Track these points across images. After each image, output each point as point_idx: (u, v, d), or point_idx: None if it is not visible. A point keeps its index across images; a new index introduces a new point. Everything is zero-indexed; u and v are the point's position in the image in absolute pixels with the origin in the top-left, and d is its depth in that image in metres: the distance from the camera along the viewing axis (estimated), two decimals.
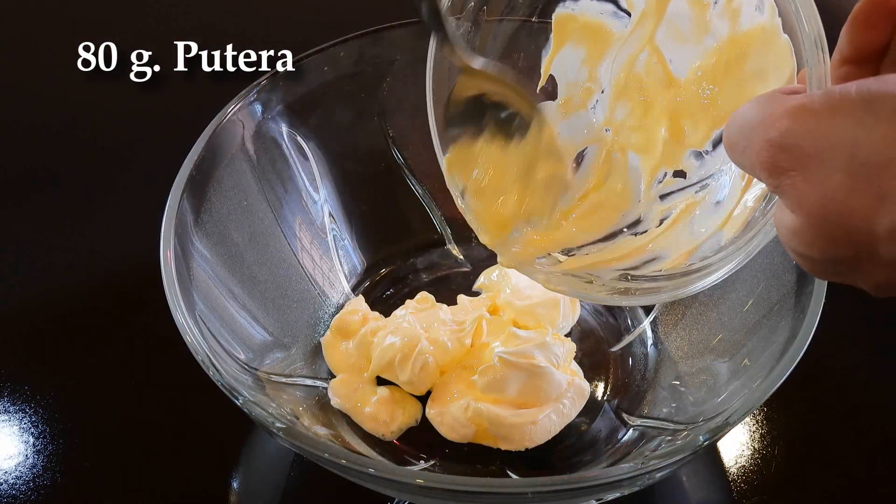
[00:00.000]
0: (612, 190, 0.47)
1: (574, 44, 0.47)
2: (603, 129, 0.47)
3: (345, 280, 0.62)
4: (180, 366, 0.46)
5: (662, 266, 0.43)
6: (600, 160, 0.46)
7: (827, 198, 0.28)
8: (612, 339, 0.59)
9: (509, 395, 0.52)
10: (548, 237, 0.46)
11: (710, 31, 0.41)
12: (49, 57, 0.86)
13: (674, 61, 0.44)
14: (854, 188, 0.27)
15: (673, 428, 0.50)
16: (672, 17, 0.43)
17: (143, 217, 0.53)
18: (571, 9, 0.46)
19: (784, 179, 0.29)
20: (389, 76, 0.62)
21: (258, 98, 0.56)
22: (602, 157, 0.46)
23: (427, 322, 0.56)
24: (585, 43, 0.46)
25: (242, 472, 0.54)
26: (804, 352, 0.43)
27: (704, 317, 0.55)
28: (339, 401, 0.54)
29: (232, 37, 0.88)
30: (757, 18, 0.38)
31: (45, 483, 0.53)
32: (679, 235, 0.43)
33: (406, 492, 0.43)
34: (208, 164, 0.53)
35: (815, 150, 0.28)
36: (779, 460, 0.54)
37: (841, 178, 0.28)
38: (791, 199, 0.29)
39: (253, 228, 0.56)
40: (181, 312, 0.45)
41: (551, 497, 0.40)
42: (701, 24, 0.42)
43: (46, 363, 0.60)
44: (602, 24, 0.46)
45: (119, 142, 0.77)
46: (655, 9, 0.43)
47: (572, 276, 0.44)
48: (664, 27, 0.43)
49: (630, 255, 0.44)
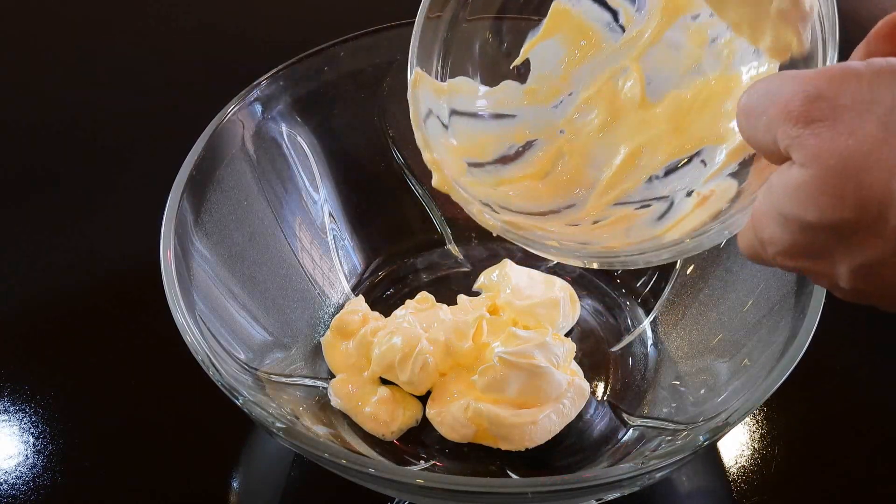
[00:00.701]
0: (553, 181, 0.46)
1: (561, 39, 0.47)
2: (559, 129, 0.46)
3: (345, 280, 0.62)
4: (180, 366, 0.46)
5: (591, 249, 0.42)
6: (547, 155, 0.46)
7: (852, 148, 0.27)
8: (612, 339, 0.59)
9: (509, 395, 0.52)
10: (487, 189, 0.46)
11: (699, 66, 0.41)
12: (49, 57, 0.86)
13: (652, 83, 0.44)
14: (885, 140, 0.27)
15: (673, 428, 0.50)
16: (665, 44, 0.43)
17: (143, 217, 0.53)
18: (571, 5, 0.46)
19: (807, 130, 0.28)
20: (389, 76, 0.62)
21: (258, 98, 0.56)
22: (550, 154, 0.46)
23: (427, 322, 0.56)
24: (572, 42, 0.46)
25: (242, 472, 0.54)
26: (804, 352, 0.43)
27: (704, 317, 0.55)
28: (340, 401, 0.54)
29: (232, 37, 0.89)
30: (752, 67, 0.38)
31: (45, 483, 0.53)
32: (612, 234, 0.43)
33: (406, 492, 0.43)
34: (208, 164, 0.53)
35: (854, 102, 0.28)
36: (779, 460, 0.54)
37: (873, 130, 0.27)
38: (809, 149, 0.28)
39: (253, 228, 0.56)
40: (181, 312, 0.45)
41: (551, 497, 0.40)
42: (692, 58, 0.41)
43: (46, 363, 0.60)
44: (595, 30, 0.46)
45: (119, 142, 0.77)
46: (653, 32, 0.43)
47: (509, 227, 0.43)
48: (653, 50, 0.43)
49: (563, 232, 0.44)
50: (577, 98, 0.46)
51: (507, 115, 0.47)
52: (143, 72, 0.85)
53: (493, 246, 0.65)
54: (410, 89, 0.45)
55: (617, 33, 0.45)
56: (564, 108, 0.46)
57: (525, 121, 0.47)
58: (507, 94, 0.47)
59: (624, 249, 0.40)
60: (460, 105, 0.47)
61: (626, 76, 0.44)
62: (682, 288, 0.58)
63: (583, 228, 0.43)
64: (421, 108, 0.45)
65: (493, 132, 0.47)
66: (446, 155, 0.44)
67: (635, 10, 0.45)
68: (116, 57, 0.87)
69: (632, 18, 0.45)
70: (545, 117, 0.46)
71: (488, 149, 0.46)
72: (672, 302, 0.58)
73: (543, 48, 0.47)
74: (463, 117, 0.47)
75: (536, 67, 0.47)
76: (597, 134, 0.45)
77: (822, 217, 0.29)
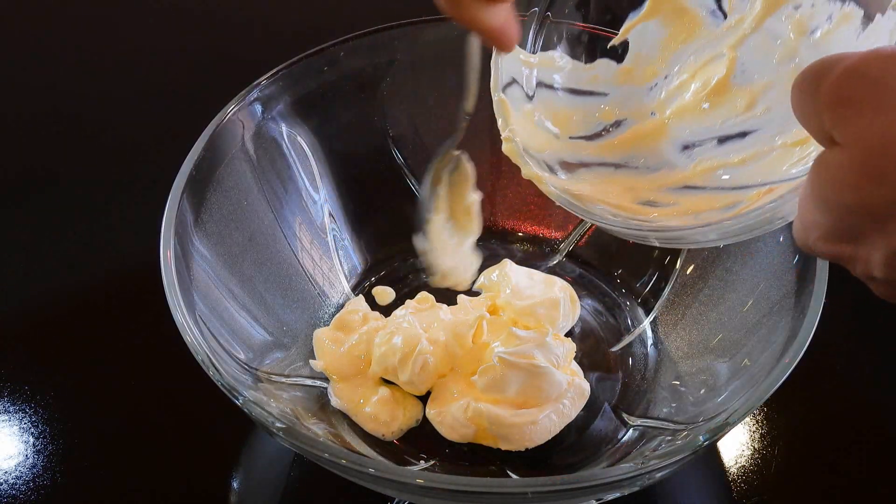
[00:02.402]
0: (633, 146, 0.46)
1: (663, 21, 0.46)
2: (650, 111, 0.46)
3: (345, 280, 0.62)
4: (180, 366, 0.46)
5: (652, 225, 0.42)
6: (636, 134, 0.46)
7: (893, 126, 0.27)
8: (612, 339, 0.59)
9: (509, 395, 0.52)
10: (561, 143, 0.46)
11: (794, 57, 0.41)
12: (49, 57, 0.86)
13: (746, 71, 0.43)
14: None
15: (673, 428, 0.50)
16: (764, 32, 0.43)
17: (143, 217, 0.53)
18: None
19: (850, 110, 0.28)
20: (389, 76, 0.62)
21: (258, 98, 0.56)
22: (638, 133, 0.46)
23: (427, 322, 0.56)
24: (673, 26, 0.46)
25: (242, 472, 0.54)
26: (804, 352, 0.43)
27: (704, 317, 0.55)
28: (340, 401, 0.54)
29: (232, 37, 0.89)
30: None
31: (45, 483, 0.53)
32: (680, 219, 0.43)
33: (406, 492, 0.43)
34: (208, 164, 0.53)
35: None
36: (779, 460, 0.54)
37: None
38: (851, 130, 0.28)
39: (253, 228, 0.56)
40: (181, 312, 0.45)
41: (551, 497, 0.40)
42: (788, 47, 0.41)
43: (46, 363, 0.60)
44: (698, 15, 0.45)
45: (119, 142, 0.77)
46: (754, 20, 0.43)
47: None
48: (752, 38, 0.43)
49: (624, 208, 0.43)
50: (672, 82, 0.45)
51: (598, 92, 0.47)
52: (143, 72, 0.85)
53: (494, 246, 0.65)
54: (494, 55, 0.45)
55: (718, 19, 0.45)
56: (658, 90, 0.46)
57: (616, 100, 0.46)
58: (602, 72, 0.47)
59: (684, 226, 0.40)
60: (549, 78, 0.47)
61: (721, 62, 0.44)
62: (682, 288, 0.58)
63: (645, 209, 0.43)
64: (502, 76, 0.45)
65: (581, 108, 0.46)
66: (523, 121, 0.44)
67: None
68: (116, 57, 0.87)
69: (734, 6, 0.44)
70: (638, 98, 0.46)
71: (573, 124, 0.46)
72: (672, 302, 0.58)
73: (643, 29, 0.47)
74: (550, 90, 0.47)
75: (634, 48, 0.47)
76: (686, 113, 0.44)
77: (861, 199, 0.28)
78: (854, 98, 0.28)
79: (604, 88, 0.47)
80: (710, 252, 0.57)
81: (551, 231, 0.65)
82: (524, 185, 0.65)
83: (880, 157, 0.28)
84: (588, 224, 0.64)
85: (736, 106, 0.42)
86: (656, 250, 0.61)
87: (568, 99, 0.47)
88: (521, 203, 0.66)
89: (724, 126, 0.42)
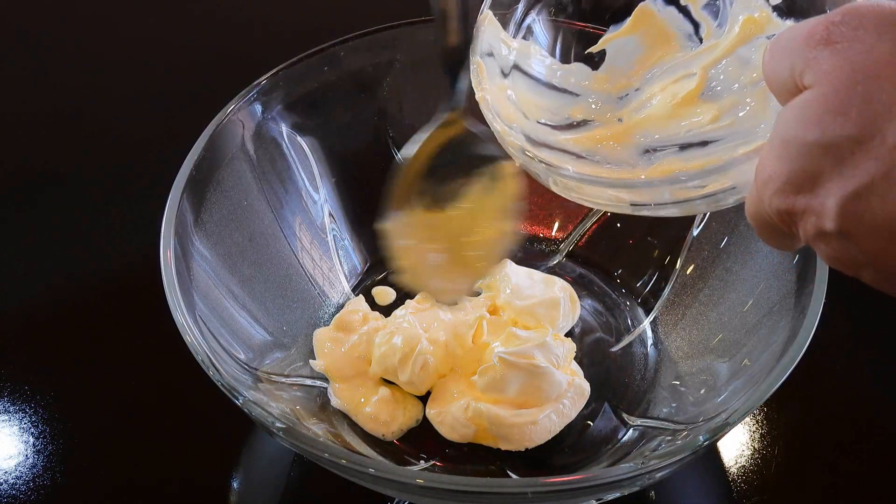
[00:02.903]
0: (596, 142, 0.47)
1: (641, 38, 0.48)
2: (618, 118, 0.47)
3: (345, 280, 0.62)
4: (180, 366, 0.46)
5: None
6: (601, 134, 0.47)
7: (866, 62, 0.28)
8: (612, 339, 0.59)
9: (509, 395, 0.52)
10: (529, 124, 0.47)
11: (762, 81, 0.42)
12: (49, 57, 0.86)
13: (712, 90, 0.44)
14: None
15: (673, 428, 0.50)
16: (735, 57, 0.44)
17: (143, 217, 0.53)
18: (657, 9, 0.47)
19: (825, 51, 0.29)
20: (389, 76, 0.62)
21: (258, 98, 0.56)
22: (603, 135, 0.47)
23: (427, 322, 0.56)
24: (651, 44, 0.48)
25: (242, 472, 0.54)
26: (804, 352, 0.43)
27: (704, 317, 0.55)
28: (340, 401, 0.54)
29: (232, 36, 0.89)
30: None
31: (45, 483, 0.53)
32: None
33: (406, 492, 0.43)
34: (208, 164, 0.53)
35: (876, 26, 0.28)
36: (779, 460, 0.54)
37: (890, 49, 0.27)
38: (822, 67, 0.29)
39: (253, 228, 0.56)
40: (181, 312, 0.45)
41: (551, 497, 0.40)
42: (757, 73, 0.42)
43: (46, 363, 0.60)
44: (675, 36, 0.47)
45: (119, 142, 0.77)
46: (727, 46, 0.44)
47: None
48: (723, 61, 0.44)
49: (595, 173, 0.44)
50: (643, 94, 0.46)
51: (569, 91, 0.48)
52: (143, 72, 0.85)
53: None
54: (478, 23, 0.46)
55: (694, 43, 0.46)
56: (628, 100, 0.47)
57: (586, 102, 0.47)
58: (576, 74, 0.48)
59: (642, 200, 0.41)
60: (526, 65, 0.48)
61: (692, 80, 0.45)
62: (682, 288, 0.58)
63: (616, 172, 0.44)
64: (482, 44, 0.46)
65: (551, 101, 0.48)
66: (496, 91, 0.45)
67: (716, 25, 0.46)
68: (116, 57, 0.87)
69: (711, 33, 0.46)
70: (607, 104, 0.47)
71: (542, 112, 0.47)
72: (672, 302, 0.58)
73: (621, 42, 0.48)
74: (524, 76, 0.47)
75: (611, 59, 0.49)
76: (651, 121, 0.45)
77: (823, 134, 0.29)
78: (830, 39, 0.29)
79: (575, 90, 0.48)
80: (710, 252, 0.57)
81: (551, 231, 0.65)
82: (524, 186, 0.66)
83: (846, 91, 0.28)
84: (588, 224, 0.64)
85: (701, 119, 0.43)
86: (656, 250, 0.61)
87: (539, 90, 0.48)
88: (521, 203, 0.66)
89: (687, 135, 0.43)
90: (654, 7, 0.47)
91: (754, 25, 0.43)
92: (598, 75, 0.48)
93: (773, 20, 0.43)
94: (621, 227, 0.63)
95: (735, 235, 0.55)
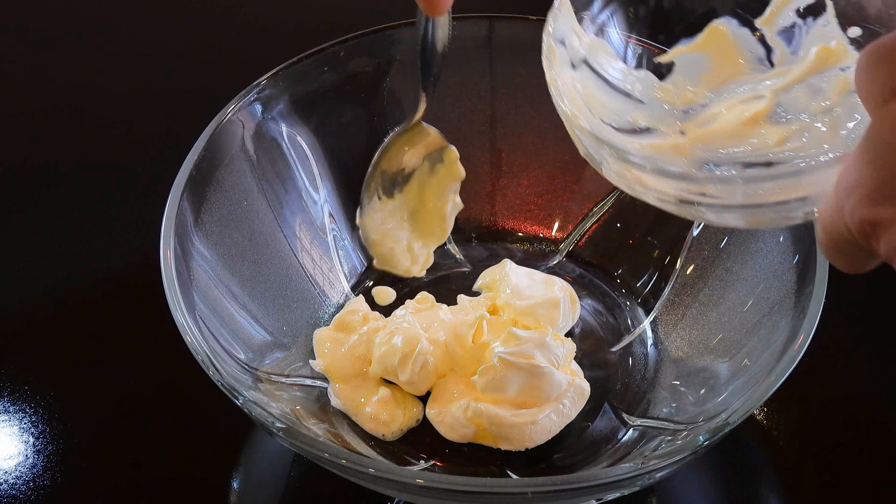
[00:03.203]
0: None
1: (711, 57, 0.48)
2: (681, 130, 0.47)
3: (345, 280, 0.62)
4: (180, 366, 0.46)
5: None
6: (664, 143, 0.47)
7: None
8: (612, 339, 0.59)
9: (509, 395, 0.52)
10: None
11: (831, 111, 0.41)
12: (48, 56, 0.86)
13: (780, 116, 0.44)
14: None
15: (673, 428, 0.50)
16: (806, 85, 0.43)
17: (144, 217, 0.53)
18: (730, 29, 0.47)
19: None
20: (389, 76, 0.62)
21: (258, 98, 0.56)
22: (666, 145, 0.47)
23: (427, 322, 0.56)
24: (719, 62, 0.48)
25: (242, 472, 0.54)
26: (804, 352, 0.43)
27: (704, 317, 0.55)
28: (340, 401, 0.54)
29: (232, 36, 0.89)
30: None
31: (45, 483, 0.53)
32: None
33: (406, 492, 0.43)
34: (208, 164, 0.53)
35: None
36: (779, 460, 0.54)
37: None
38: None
39: (253, 228, 0.56)
40: (181, 312, 0.45)
41: (551, 497, 0.40)
42: (828, 102, 0.42)
43: (46, 363, 0.60)
44: (746, 58, 0.47)
45: (118, 141, 0.77)
46: (800, 73, 0.44)
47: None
48: (793, 88, 0.44)
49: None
50: (708, 110, 0.46)
51: (634, 97, 0.48)
52: (143, 71, 0.85)
53: (493, 246, 0.65)
54: (554, 7, 0.45)
55: (764, 67, 0.46)
56: (693, 115, 0.47)
57: (650, 111, 0.47)
58: (643, 81, 0.48)
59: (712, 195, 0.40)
60: (596, 62, 0.48)
61: (760, 102, 0.44)
62: (682, 288, 0.58)
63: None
64: (556, 30, 0.45)
65: (616, 103, 0.47)
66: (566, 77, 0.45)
67: (790, 52, 0.46)
68: (116, 57, 0.87)
69: (784, 59, 0.45)
70: (671, 116, 0.47)
71: (605, 111, 0.47)
72: (672, 302, 0.58)
73: (690, 57, 0.48)
74: (592, 73, 0.47)
75: (679, 72, 0.48)
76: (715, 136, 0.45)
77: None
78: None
79: (640, 97, 0.48)
80: (710, 252, 0.57)
81: (551, 231, 0.65)
82: (524, 185, 0.66)
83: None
84: (588, 224, 0.64)
85: (767, 141, 0.43)
86: (656, 250, 0.61)
87: (605, 89, 0.48)
88: (521, 203, 0.66)
89: (751, 154, 0.43)
90: (727, 27, 0.47)
91: (829, 56, 0.43)
92: (665, 86, 0.48)
93: (850, 52, 0.42)
94: (621, 227, 0.63)
95: (735, 235, 0.55)
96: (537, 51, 0.45)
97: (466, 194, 0.57)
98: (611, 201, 0.63)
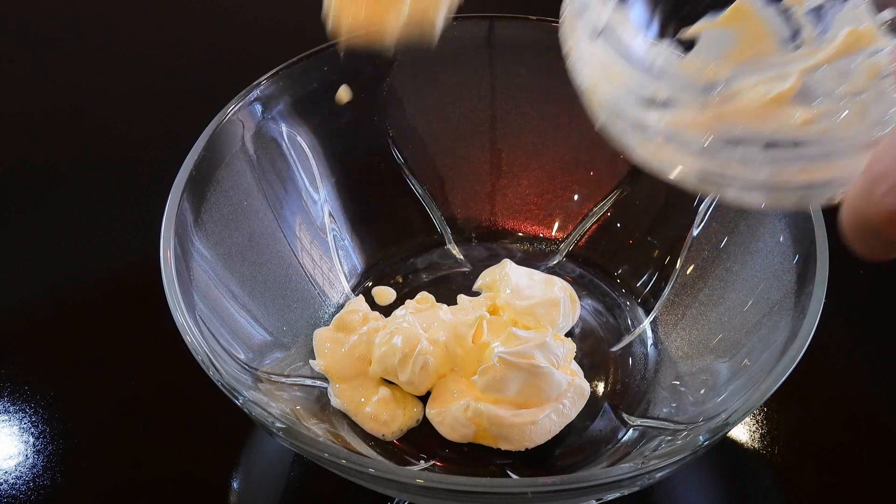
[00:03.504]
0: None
1: (737, 33, 0.47)
2: (702, 105, 0.47)
3: (345, 280, 0.62)
4: (180, 366, 0.46)
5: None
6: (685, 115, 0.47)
7: None
8: (612, 339, 0.59)
9: (509, 395, 0.52)
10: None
11: (858, 95, 0.41)
12: (47, 56, 0.86)
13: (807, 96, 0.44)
14: None
15: (673, 428, 0.50)
16: (834, 67, 0.43)
17: (144, 217, 0.53)
18: (757, 6, 0.46)
19: None
20: (389, 76, 0.62)
21: (258, 98, 0.56)
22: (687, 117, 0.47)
23: (427, 322, 0.56)
24: (744, 39, 0.47)
25: (242, 472, 0.54)
26: (804, 352, 0.43)
27: (704, 317, 0.55)
28: (340, 401, 0.54)
29: (232, 36, 0.89)
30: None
31: (45, 483, 0.53)
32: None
33: (406, 492, 0.43)
34: (208, 164, 0.53)
35: None
36: (779, 460, 0.54)
37: None
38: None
39: (253, 228, 0.56)
40: (181, 312, 0.45)
41: (551, 497, 0.40)
42: (856, 85, 0.41)
43: (46, 363, 0.60)
44: (772, 37, 0.46)
45: (118, 141, 0.77)
46: (828, 54, 0.43)
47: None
48: (821, 69, 0.43)
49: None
50: (731, 87, 0.46)
51: (655, 71, 0.48)
52: (143, 71, 0.85)
53: (493, 246, 0.65)
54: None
55: (790, 46, 0.46)
56: (715, 90, 0.46)
57: (671, 84, 0.47)
58: (665, 55, 0.48)
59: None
60: (617, 32, 0.47)
61: (786, 81, 0.44)
62: (682, 288, 0.58)
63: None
64: (575, 1, 0.45)
65: (636, 75, 0.47)
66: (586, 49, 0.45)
67: (818, 33, 0.45)
68: (115, 56, 0.87)
69: (811, 40, 0.45)
70: (692, 91, 0.47)
71: (626, 83, 0.46)
72: (672, 302, 0.58)
73: (715, 33, 0.48)
74: (613, 43, 0.47)
75: (702, 47, 0.48)
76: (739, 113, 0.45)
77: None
78: None
79: (662, 71, 0.47)
80: (710, 252, 0.57)
81: (551, 231, 0.65)
82: (524, 185, 0.66)
83: None
84: (588, 224, 0.64)
85: (792, 121, 0.43)
86: (656, 250, 0.61)
87: (626, 61, 0.47)
88: (521, 203, 0.66)
89: (776, 133, 0.43)
90: (753, 4, 0.46)
91: (859, 39, 0.42)
92: (687, 61, 0.48)
93: (879, 36, 0.42)
94: (621, 227, 0.63)
95: (735, 235, 0.55)
96: (538, 51, 0.45)
97: (466, 194, 0.57)
98: (611, 201, 0.63)
